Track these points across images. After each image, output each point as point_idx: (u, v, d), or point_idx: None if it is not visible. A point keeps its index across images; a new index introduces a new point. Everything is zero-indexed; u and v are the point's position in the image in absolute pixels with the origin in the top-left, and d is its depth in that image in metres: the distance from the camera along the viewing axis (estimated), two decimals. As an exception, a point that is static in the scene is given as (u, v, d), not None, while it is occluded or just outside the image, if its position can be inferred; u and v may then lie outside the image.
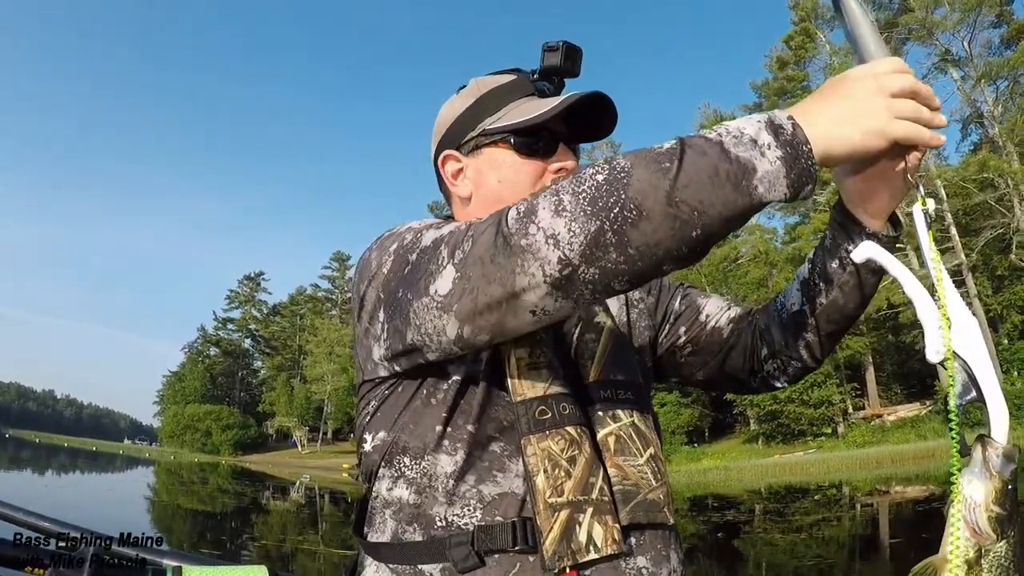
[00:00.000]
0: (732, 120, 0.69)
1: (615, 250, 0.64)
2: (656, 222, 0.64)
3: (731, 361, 1.07)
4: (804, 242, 33.08)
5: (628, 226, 0.64)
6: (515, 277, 0.68)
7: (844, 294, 0.92)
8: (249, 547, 10.97)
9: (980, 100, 32.40)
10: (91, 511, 13.57)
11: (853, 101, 0.69)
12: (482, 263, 0.70)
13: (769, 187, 0.66)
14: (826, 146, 0.68)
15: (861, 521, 12.16)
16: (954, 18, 31.82)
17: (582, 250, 0.65)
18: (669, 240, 0.65)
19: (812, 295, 0.96)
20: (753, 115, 0.69)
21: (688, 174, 0.64)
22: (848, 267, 0.90)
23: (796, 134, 0.67)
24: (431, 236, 0.80)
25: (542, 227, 0.66)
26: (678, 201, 0.63)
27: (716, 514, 13.51)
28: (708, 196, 0.64)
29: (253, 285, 76.95)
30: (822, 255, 0.94)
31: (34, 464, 37.91)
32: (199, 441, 66.27)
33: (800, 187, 0.67)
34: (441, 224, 0.85)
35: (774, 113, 0.69)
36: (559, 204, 0.66)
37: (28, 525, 1.46)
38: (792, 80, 36.71)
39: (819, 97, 0.71)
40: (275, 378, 70.11)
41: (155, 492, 24.97)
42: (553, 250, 0.65)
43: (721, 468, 25.83)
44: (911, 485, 15.79)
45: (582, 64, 0.97)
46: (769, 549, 9.63)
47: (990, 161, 28.22)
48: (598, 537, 0.80)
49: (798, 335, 0.99)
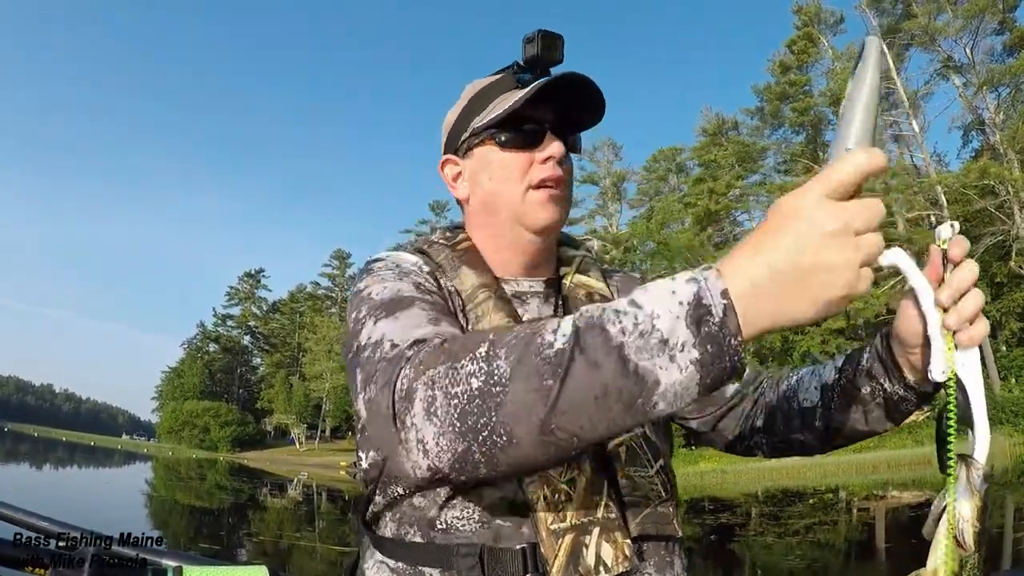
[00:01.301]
0: (654, 283, 0.58)
1: (485, 467, 0.60)
2: (526, 449, 0.57)
3: (725, 421, 1.04)
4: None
5: (497, 450, 0.58)
6: (397, 458, 0.64)
7: (866, 421, 0.89)
8: (246, 544, 10.98)
9: (982, 107, 32.42)
10: (88, 506, 13.57)
11: (813, 259, 0.55)
12: (374, 424, 0.66)
13: (673, 400, 0.55)
14: (764, 327, 0.56)
15: (857, 525, 12.16)
16: (957, 24, 31.82)
17: (451, 464, 0.60)
18: (542, 461, 0.59)
19: (830, 406, 0.92)
20: (679, 282, 0.57)
21: (570, 397, 0.55)
22: (878, 398, 0.87)
23: (726, 323, 0.54)
24: (364, 335, 0.76)
25: (415, 425, 0.61)
26: (554, 428, 0.56)
27: (712, 517, 13.52)
28: (590, 421, 0.56)
29: (253, 282, 76.90)
30: (851, 372, 0.89)
31: (32, 458, 37.88)
32: (197, 437, 66.22)
33: (717, 386, 0.56)
34: (381, 308, 0.80)
35: (704, 284, 0.55)
36: (432, 402, 0.60)
37: (28, 525, 1.47)
38: (794, 84, 36.69)
39: (766, 248, 0.56)
40: (274, 375, 70.00)
41: (153, 488, 24.97)
42: (423, 457, 0.61)
43: (718, 471, 25.78)
44: (907, 490, 15.79)
45: (563, 50, 0.93)
46: (765, 552, 9.64)
47: (991, 168, 28.19)
48: (608, 556, 0.80)
49: (801, 431, 0.96)
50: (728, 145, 40.52)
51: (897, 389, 0.85)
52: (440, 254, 0.98)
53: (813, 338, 30.92)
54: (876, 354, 0.86)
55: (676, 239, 37.47)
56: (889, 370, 0.84)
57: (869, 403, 0.88)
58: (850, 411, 0.90)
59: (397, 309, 0.78)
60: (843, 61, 35.36)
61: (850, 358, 0.92)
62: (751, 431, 1.02)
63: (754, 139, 40.59)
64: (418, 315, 0.77)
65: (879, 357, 0.86)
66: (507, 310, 0.92)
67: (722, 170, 40.11)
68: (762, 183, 39.79)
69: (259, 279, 77.21)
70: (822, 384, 0.94)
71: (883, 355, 0.85)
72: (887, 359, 0.84)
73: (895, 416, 0.88)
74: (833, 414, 0.92)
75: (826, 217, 0.55)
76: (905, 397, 0.85)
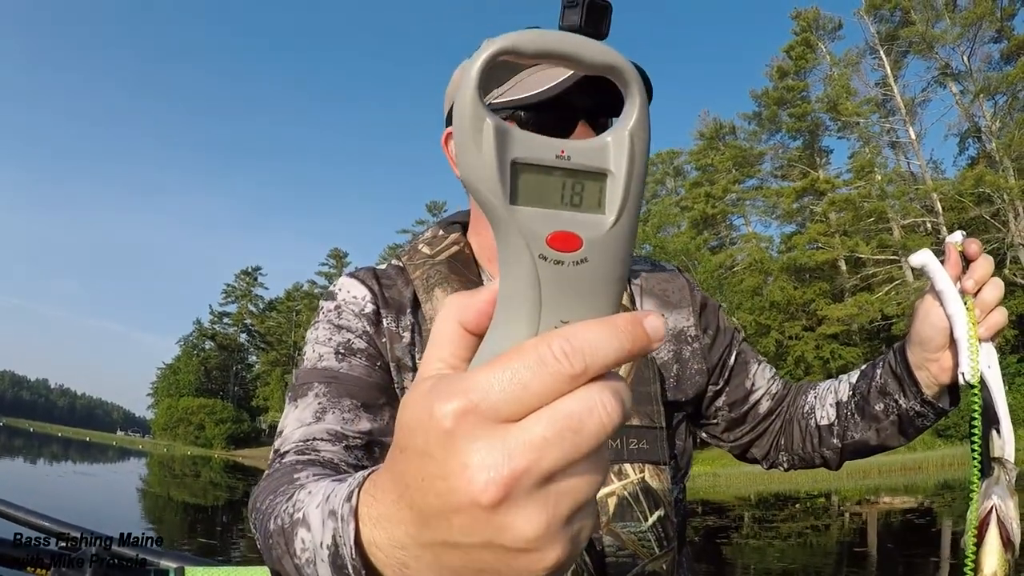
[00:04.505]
0: (324, 497, 0.50)
1: None
2: None
3: (759, 440, 1.03)
4: (799, 252, 33.14)
5: None
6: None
7: (879, 436, 0.91)
8: (240, 542, 10.98)
9: (978, 115, 32.52)
10: (83, 502, 13.55)
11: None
12: (253, 512, 0.70)
13: None
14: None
15: (849, 530, 12.20)
16: (954, 32, 31.95)
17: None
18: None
19: (845, 423, 0.94)
20: (328, 526, 0.46)
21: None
22: (891, 415, 0.87)
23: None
24: (283, 414, 0.85)
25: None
26: None
27: (704, 520, 13.55)
28: None
29: (250, 280, 76.64)
30: (865, 389, 0.91)
31: (27, 453, 37.77)
32: (192, 434, 65.99)
33: None
34: (298, 384, 0.85)
35: (339, 530, 0.43)
36: (253, 522, 0.68)
37: (29, 524, 1.49)
38: (792, 90, 36.76)
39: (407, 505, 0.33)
40: (269, 373, 69.74)
41: (147, 484, 24.91)
42: None
43: (710, 475, 25.82)
44: (899, 495, 15.83)
45: (610, 23, 0.81)
46: (757, 556, 9.67)
47: (986, 176, 28.32)
48: None
49: (818, 447, 0.98)
50: (725, 149, 40.53)
51: (913, 405, 0.85)
52: (418, 269, 0.93)
53: (807, 343, 30.98)
54: (890, 370, 0.87)
55: (673, 242, 37.53)
56: (905, 385, 0.84)
57: (883, 420, 0.89)
58: (865, 428, 0.92)
59: (299, 396, 0.84)
60: (840, 67, 35.46)
61: (864, 375, 0.93)
62: (775, 449, 1.03)
63: (751, 144, 40.62)
64: (308, 407, 0.82)
65: (893, 373, 0.86)
66: None
67: (719, 174, 40.14)
68: (759, 187, 39.88)
69: (255, 277, 76.95)
70: (837, 401, 0.95)
71: (898, 370, 0.85)
72: (903, 373, 0.84)
73: (908, 431, 0.89)
74: (849, 431, 0.93)
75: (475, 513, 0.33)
76: (921, 412, 0.85)
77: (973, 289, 0.73)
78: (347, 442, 0.79)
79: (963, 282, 0.73)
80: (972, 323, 0.73)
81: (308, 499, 0.54)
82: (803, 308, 32.70)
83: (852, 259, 33.35)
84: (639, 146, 0.32)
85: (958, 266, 0.75)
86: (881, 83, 35.75)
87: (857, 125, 34.88)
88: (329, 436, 0.78)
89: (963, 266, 0.76)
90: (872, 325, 30.06)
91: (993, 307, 0.73)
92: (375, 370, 0.86)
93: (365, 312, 0.89)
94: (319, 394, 0.82)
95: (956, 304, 0.73)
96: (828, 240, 33.17)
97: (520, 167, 0.31)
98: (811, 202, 35.81)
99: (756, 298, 33.11)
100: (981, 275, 0.73)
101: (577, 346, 0.27)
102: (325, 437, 0.78)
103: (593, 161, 0.31)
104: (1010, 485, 0.68)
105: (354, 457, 0.78)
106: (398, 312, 0.90)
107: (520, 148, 0.31)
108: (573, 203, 0.31)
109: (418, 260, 0.94)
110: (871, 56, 35.71)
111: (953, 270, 0.75)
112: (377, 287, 0.91)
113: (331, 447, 0.77)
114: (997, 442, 0.70)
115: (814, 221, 34.35)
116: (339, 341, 0.87)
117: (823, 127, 37.41)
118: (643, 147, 0.32)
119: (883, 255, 31.94)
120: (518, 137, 0.31)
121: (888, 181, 33.54)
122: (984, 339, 0.73)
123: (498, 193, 0.30)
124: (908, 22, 33.11)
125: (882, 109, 35.78)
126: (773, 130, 39.43)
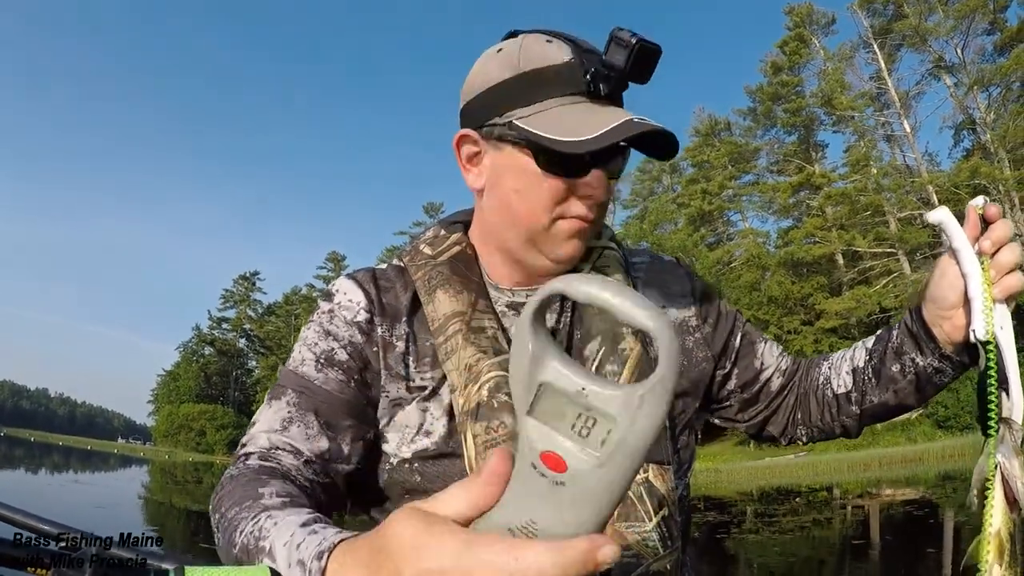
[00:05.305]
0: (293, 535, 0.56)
1: None
2: None
3: (773, 418, 1.03)
4: (796, 246, 33.21)
5: None
6: None
7: (897, 397, 0.91)
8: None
9: (972, 106, 32.65)
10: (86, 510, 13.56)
11: None
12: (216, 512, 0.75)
13: None
14: None
15: (851, 523, 12.22)
16: (948, 25, 32.05)
17: None
18: None
19: (863, 388, 0.94)
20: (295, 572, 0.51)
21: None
22: (908, 375, 0.88)
23: None
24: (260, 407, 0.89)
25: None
26: None
27: (706, 516, 13.58)
28: None
29: (248, 285, 76.65)
30: (882, 351, 0.91)
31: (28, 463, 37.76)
32: (193, 441, 66.06)
33: None
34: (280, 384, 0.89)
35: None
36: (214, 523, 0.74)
37: (28, 527, 1.51)
38: (786, 85, 36.84)
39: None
40: (269, 378, 69.74)
41: (149, 491, 24.92)
42: None
43: (712, 470, 25.85)
44: (900, 488, 15.88)
45: (654, 70, 0.79)
46: (760, 550, 9.69)
47: (982, 168, 28.42)
48: None
49: (837, 416, 0.98)
50: (721, 145, 40.64)
51: (932, 362, 0.85)
52: (419, 270, 0.91)
53: (806, 337, 31.06)
54: (906, 329, 0.87)
55: (670, 239, 37.59)
56: (921, 342, 0.85)
57: (900, 381, 0.89)
58: (883, 390, 0.92)
59: (275, 396, 0.88)
60: (834, 62, 35.54)
61: (879, 338, 0.93)
62: (792, 423, 1.03)
63: (747, 139, 40.75)
64: (278, 413, 0.86)
65: (909, 332, 0.86)
66: (479, 343, 0.84)
67: (715, 170, 40.25)
68: (755, 183, 39.98)
69: (254, 282, 76.96)
70: (854, 368, 0.95)
71: (914, 328, 0.85)
72: (919, 331, 0.85)
73: (927, 389, 0.89)
74: (867, 396, 0.94)
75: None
76: (939, 368, 0.85)
77: (991, 250, 0.73)
78: (304, 458, 0.83)
79: (980, 243, 0.74)
80: (987, 283, 0.74)
81: (275, 531, 0.60)
82: (801, 302, 32.79)
83: (849, 253, 33.45)
84: (646, 409, 0.34)
85: (977, 227, 0.75)
86: (875, 77, 35.86)
87: (852, 119, 34.98)
88: (290, 449, 0.83)
89: (982, 229, 0.76)
90: (870, 318, 30.13)
91: (1009, 270, 0.74)
92: (348, 387, 0.87)
93: (357, 320, 0.89)
94: (290, 403, 0.86)
95: (972, 263, 0.74)
96: (825, 234, 33.25)
97: (545, 388, 0.36)
98: (807, 196, 35.92)
99: (754, 293, 33.21)
100: (999, 236, 0.74)
101: (523, 567, 0.33)
102: (288, 449, 0.83)
103: (603, 406, 0.35)
104: (1016, 445, 0.69)
105: (311, 471, 0.83)
106: (393, 320, 0.90)
107: (550, 374, 0.36)
108: (581, 434, 0.35)
109: (419, 261, 0.92)
110: (865, 50, 35.83)
111: (972, 231, 0.75)
112: (374, 292, 0.91)
113: (291, 460, 0.82)
114: (1006, 403, 0.71)
115: (811, 215, 34.44)
116: (323, 349, 0.88)
117: (818, 122, 37.54)
118: (651, 410, 0.34)
119: (880, 248, 32.02)
120: (551, 366, 0.36)
121: (884, 174, 33.63)
122: (999, 300, 0.74)
123: (522, 401, 0.37)
124: (901, 15, 33.20)
125: (877, 103, 35.87)
126: (768, 125, 39.55)
